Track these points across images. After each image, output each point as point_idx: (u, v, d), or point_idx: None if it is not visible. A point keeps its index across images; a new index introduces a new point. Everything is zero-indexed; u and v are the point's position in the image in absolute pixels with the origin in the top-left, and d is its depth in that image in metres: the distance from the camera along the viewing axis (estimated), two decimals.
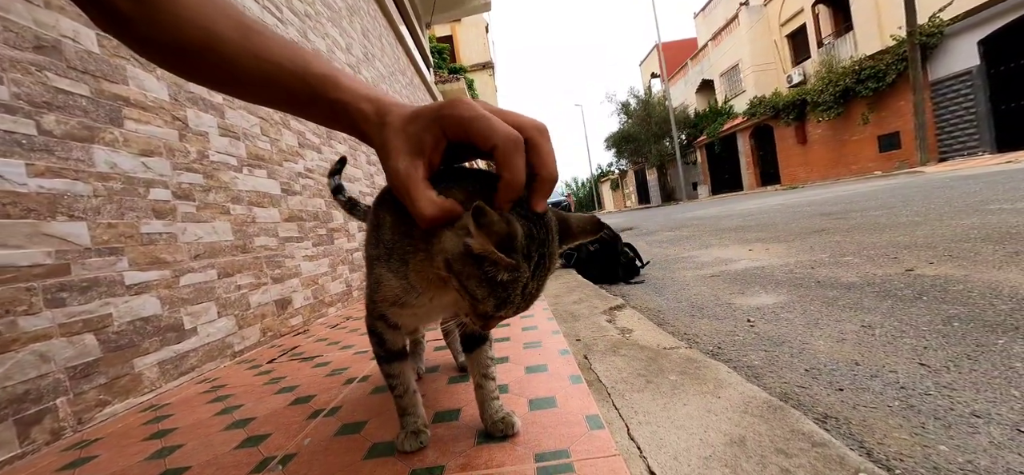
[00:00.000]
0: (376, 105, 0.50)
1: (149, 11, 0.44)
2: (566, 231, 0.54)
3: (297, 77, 0.50)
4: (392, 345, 0.71)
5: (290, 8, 2.60)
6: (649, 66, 33.99)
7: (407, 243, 0.58)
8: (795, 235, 3.87)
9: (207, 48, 0.47)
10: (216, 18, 0.47)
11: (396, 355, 0.72)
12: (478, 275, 0.47)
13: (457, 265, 0.48)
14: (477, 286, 0.48)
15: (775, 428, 0.67)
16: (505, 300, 0.49)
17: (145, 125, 1.41)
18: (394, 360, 0.72)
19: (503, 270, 0.46)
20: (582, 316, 1.66)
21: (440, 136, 0.46)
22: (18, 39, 1.07)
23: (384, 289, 0.62)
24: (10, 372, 0.95)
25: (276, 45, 0.50)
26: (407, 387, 0.74)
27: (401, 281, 0.59)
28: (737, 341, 1.58)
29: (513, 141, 0.44)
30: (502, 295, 0.48)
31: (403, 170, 0.45)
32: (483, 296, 0.48)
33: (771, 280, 2.38)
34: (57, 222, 1.09)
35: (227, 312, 1.64)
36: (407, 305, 0.62)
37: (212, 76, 0.50)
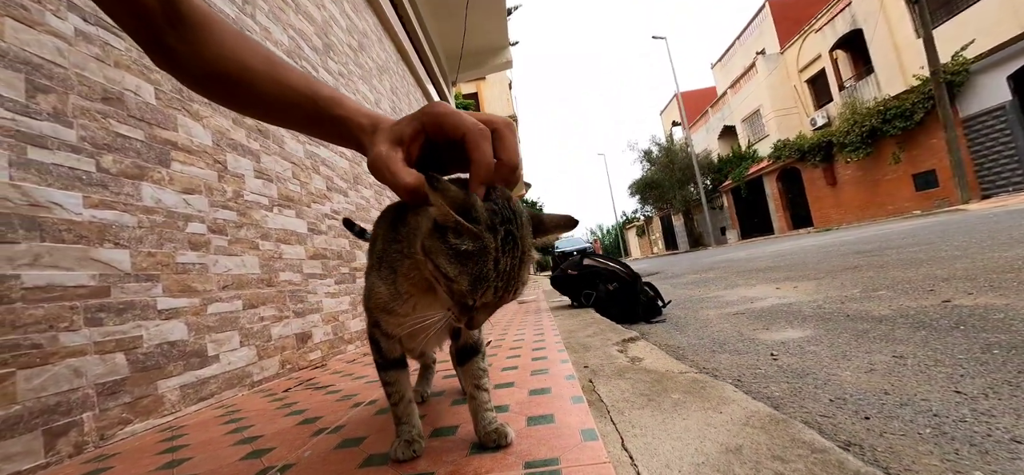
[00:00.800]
0: (371, 119, 0.59)
1: (197, 48, 0.55)
2: (539, 224, 0.57)
3: (309, 99, 0.60)
4: (388, 352, 0.75)
5: (325, 68, 2.85)
6: (669, 114, 34.45)
7: (394, 249, 0.64)
8: (825, 273, 3.72)
9: (241, 78, 0.57)
10: (247, 53, 0.58)
11: (393, 363, 0.75)
12: (445, 250, 0.49)
13: (428, 243, 0.51)
14: (447, 263, 0.50)
15: (774, 438, 0.64)
16: (478, 277, 0.49)
17: (189, 166, 1.55)
18: (390, 368, 0.75)
19: (466, 238, 0.48)
20: (594, 347, 1.63)
21: (419, 129, 0.52)
22: (90, 91, 1.23)
23: (375, 296, 0.67)
24: (46, 383, 1.02)
25: (294, 74, 0.60)
26: (402, 395, 0.75)
27: (389, 287, 0.64)
28: (759, 374, 1.51)
29: (479, 130, 0.49)
30: (473, 270, 0.49)
31: (384, 153, 0.51)
32: (455, 273, 0.50)
33: (798, 316, 2.28)
34: (104, 248, 1.20)
35: (249, 342, 1.71)
36: (394, 312, 0.66)
37: (244, 101, 0.60)
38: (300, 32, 2.56)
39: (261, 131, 2.01)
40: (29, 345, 1.01)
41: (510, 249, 0.51)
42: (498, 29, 8.69)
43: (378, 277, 0.66)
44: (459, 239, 0.49)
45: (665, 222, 34.75)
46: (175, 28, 0.53)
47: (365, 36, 3.91)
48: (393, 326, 0.69)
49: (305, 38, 2.61)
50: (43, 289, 1.05)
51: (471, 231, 0.48)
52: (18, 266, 1.01)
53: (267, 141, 2.05)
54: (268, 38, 2.20)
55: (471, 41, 8.51)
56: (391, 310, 0.66)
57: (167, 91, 1.50)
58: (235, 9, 1.95)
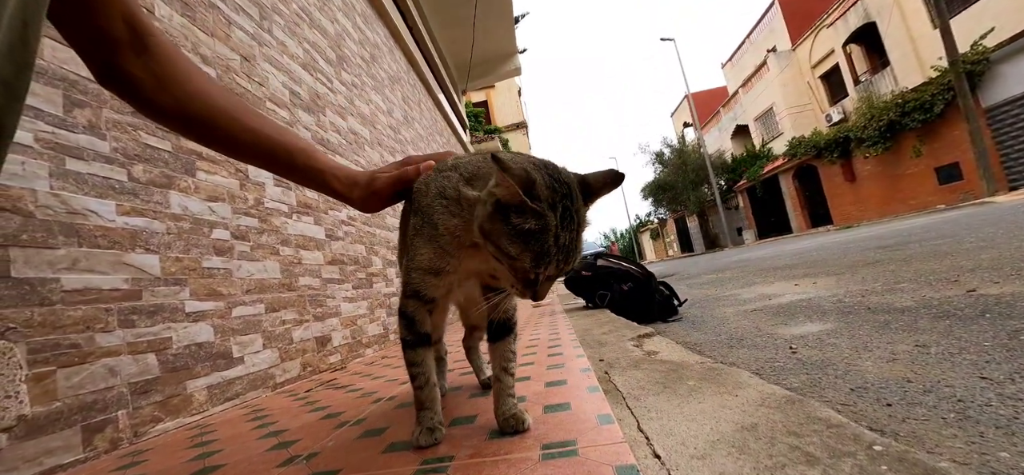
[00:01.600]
0: (347, 178, 0.74)
1: (163, 82, 0.59)
2: (587, 187, 0.58)
3: (283, 149, 0.70)
4: (421, 326, 0.74)
5: (339, 79, 2.93)
6: (681, 116, 34.19)
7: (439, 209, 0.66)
8: (846, 268, 3.64)
9: (208, 119, 0.63)
10: (215, 97, 0.64)
11: (423, 339, 0.74)
12: (507, 231, 0.51)
13: (488, 227, 0.53)
14: (509, 243, 0.52)
15: (790, 416, 0.64)
16: (540, 253, 0.51)
17: (213, 175, 1.61)
18: (419, 345, 0.74)
19: (529, 217, 0.50)
20: (609, 343, 1.64)
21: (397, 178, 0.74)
22: (121, 105, 1.29)
23: (420, 258, 0.69)
24: (83, 382, 1.07)
25: (265, 123, 0.69)
26: (428, 378, 0.75)
27: (433, 245, 0.67)
28: (777, 366, 1.50)
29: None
30: (535, 247, 0.51)
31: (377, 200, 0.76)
32: (518, 252, 0.52)
33: (818, 310, 2.25)
34: (135, 254, 1.25)
35: (272, 345, 1.76)
36: (441, 272, 0.68)
37: (212, 140, 0.67)
38: (314, 45, 2.64)
39: None
40: (68, 345, 1.06)
41: (568, 223, 0.53)
42: (506, 37, 8.78)
43: (422, 238, 0.68)
44: (522, 218, 0.51)
45: (680, 224, 34.36)
46: (140, 56, 0.57)
47: (377, 48, 4.00)
48: (439, 288, 0.70)
49: (319, 51, 2.69)
50: (81, 292, 1.10)
51: (535, 210, 0.50)
52: (58, 270, 1.06)
53: None
54: (285, 52, 2.27)
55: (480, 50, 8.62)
56: (438, 270, 0.68)
57: None
58: (253, 25, 2.03)
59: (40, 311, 1.01)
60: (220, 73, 1.75)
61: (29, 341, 0.98)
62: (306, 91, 2.42)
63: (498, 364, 0.79)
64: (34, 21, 0.40)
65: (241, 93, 1.86)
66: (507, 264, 0.54)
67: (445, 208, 0.65)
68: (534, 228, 0.51)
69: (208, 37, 1.70)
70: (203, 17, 1.69)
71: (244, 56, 1.92)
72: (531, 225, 0.51)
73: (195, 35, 1.63)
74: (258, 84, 1.99)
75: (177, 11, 1.56)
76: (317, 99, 2.53)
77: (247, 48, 1.95)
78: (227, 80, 1.78)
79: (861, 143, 15.92)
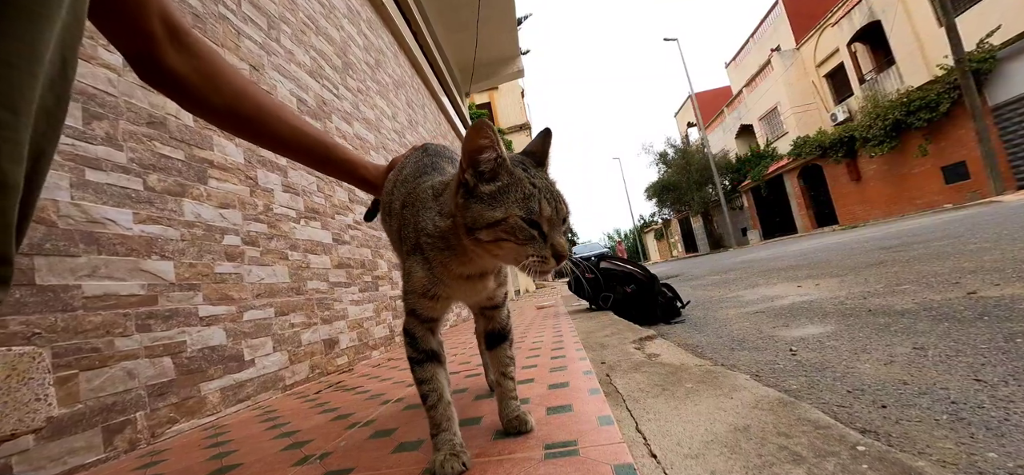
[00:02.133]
0: (374, 169, 0.89)
1: (211, 82, 0.66)
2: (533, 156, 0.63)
3: (319, 143, 0.80)
4: (424, 343, 0.72)
5: (345, 85, 2.98)
6: (684, 116, 34.11)
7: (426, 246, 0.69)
8: (849, 270, 3.65)
9: (256, 117, 0.72)
10: (259, 96, 0.73)
11: (428, 356, 0.72)
12: (485, 203, 0.54)
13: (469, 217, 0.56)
14: (493, 209, 0.54)
15: (780, 417, 0.67)
16: (525, 196, 0.54)
17: (224, 183, 1.66)
18: (427, 362, 0.71)
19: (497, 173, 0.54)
20: (611, 346, 1.67)
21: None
22: (136, 117, 1.34)
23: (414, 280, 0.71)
24: (104, 384, 1.12)
25: (302, 120, 0.80)
26: (441, 395, 0.70)
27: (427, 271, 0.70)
28: (777, 369, 1.52)
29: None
30: (517, 194, 0.54)
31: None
32: (505, 210, 0.54)
33: (819, 312, 2.27)
34: (151, 260, 1.30)
35: (281, 347, 1.80)
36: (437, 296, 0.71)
37: (259, 136, 0.76)
38: (321, 53, 2.69)
39: None
40: (89, 349, 1.10)
41: (535, 172, 0.57)
42: (509, 40, 8.82)
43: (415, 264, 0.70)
44: (491, 181, 0.55)
45: (684, 224, 34.27)
46: (179, 53, 0.63)
47: (381, 53, 4.05)
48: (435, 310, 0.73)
49: (326, 58, 2.74)
50: (100, 298, 1.15)
51: (497, 158, 0.54)
52: (79, 277, 1.11)
53: None
54: (292, 60, 2.32)
55: (483, 53, 8.66)
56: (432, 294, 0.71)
57: None
58: (262, 34, 2.07)
59: (63, 317, 1.06)
60: None
61: (53, 346, 1.02)
62: (313, 98, 2.47)
63: (497, 369, 0.82)
64: (72, 55, 0.45)
65: None
66: (505, 236, 0.55)
67: (431, 245, 0.67)
68: (507, 181, 0.54)
69: (219, 48, 1.75)
70: (214, 28, 1.73)
71: (253, 65, 1.96)
72: (503, 180, 0.54)
73: None
74: (267, 92, 2.03)
75: (189, 23, 1.60)
76: (324, 105, 2.58)
77: (256, 57, 1.99)
78: None
79: (866, 142, 15.82)
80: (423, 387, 0.71)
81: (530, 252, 0.55)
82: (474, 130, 0.56)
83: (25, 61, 0.39)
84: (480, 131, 0.55)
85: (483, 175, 0.56)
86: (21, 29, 0.38)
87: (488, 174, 0.56)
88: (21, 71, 0.39)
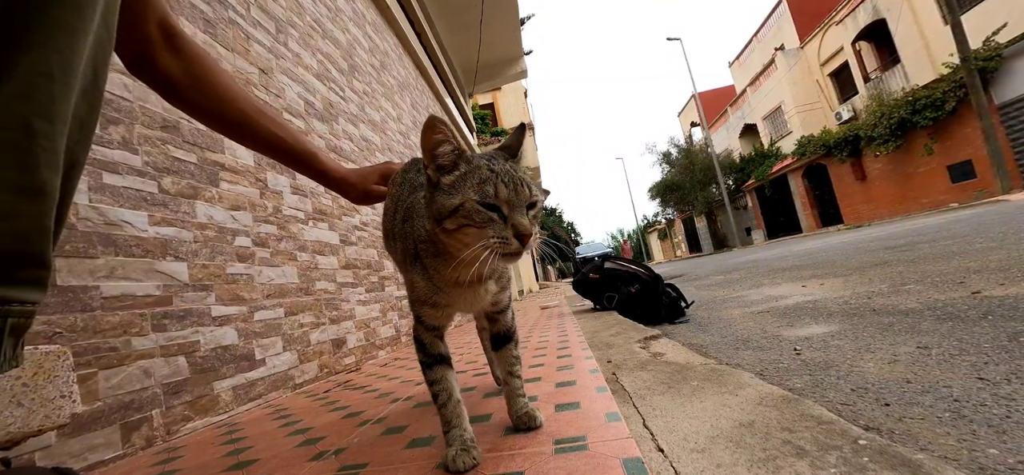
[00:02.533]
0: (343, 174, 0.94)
1: (198, 84, 0.72)
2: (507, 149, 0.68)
3: (298, 146, 0.87)
4: (432, 348, 0.75)
5: (351, 88, 3.01)
6: (688, 115, 34.05)
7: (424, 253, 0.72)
8: (854, 269, 3.65)
9: (241, 120, 0.78)
10: (245, 97, 0.79)
11: (437, 359, 0.75)
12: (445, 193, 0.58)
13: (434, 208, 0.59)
14: (451, 197, 0.57)
15: (785, 414, 0.69)
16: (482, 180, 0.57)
17: (235, 185, 1.69)
18: (436, 365, 0.74)
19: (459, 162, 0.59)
20: (617, 345, 1.69)
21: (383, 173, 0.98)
22: (151, 121, 1.37)
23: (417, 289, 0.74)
24: (122, 382, 1.14)
25: (283, 123, 0.87)
26: (450, 394, 0.73)
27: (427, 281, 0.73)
28: (781, 368, 1.53)
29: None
30: (474, 179, 0.58)
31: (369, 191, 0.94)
32: (462, 197, 0.57)
33: (823, 312, 2.28)
34: (166, 261, 1.33)
35: (291, 347, 1.83)
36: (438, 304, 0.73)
37: (242, 136, 0.83)
38: (327, 56, 2.72)
39: None
40: (108, 348, 1.13)
41: (498, 161, 0.61)
42: (512, 40, 8.84)
43: (417, 275, 0.73)
44: (451, 174, 0.59)
45: (687, 224, 34.21)
46: (174, 56, 0.68)
47: (387, 55, 4.09)
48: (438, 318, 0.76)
49: (332, 61, 2.77)
50: (118, 298, 1.18)
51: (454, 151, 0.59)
52: (98, 278, 1.14)
53: None
54: (300, 63, 2.35)
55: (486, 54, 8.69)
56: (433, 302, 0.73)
57: None
58: (270, 38, 2.10)
59: (82, 317, 1.09)
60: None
61: (74, 345, 1.05)
62: (320, 100, 2.50)
63: (504, 369, 0.84)
64: (103, 66, 0.47)
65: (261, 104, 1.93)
66: (465, 221, 0.57)
67: (425, 250, 0.71)
68: (465, 170, 0.58)
69: (229, 52, 1.78)
70: (224, 33, 1.77)
71: (262, 69, 1.99)
72: (461, 169, 0.58)
73: (217, 50, 1.71)
74: (275, 95, 2.06)
75: (200, 28, 1.64)
76: (330, 108, 2.61)
77: (265, 61, 2.03)
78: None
79: (871, 141, 15.76)
80: (434, 387, 0.74)
81: (491, 234, 0.57)
82: (427, 127, 0.58)
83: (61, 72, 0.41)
84: (433, 128, 0.58)
85: (444, 169, 0.60)
86: (59, 41, 0.40)
87: (448, 166, 0.59)
88: (58, 82, 0.41)
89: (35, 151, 0.39)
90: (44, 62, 0.39)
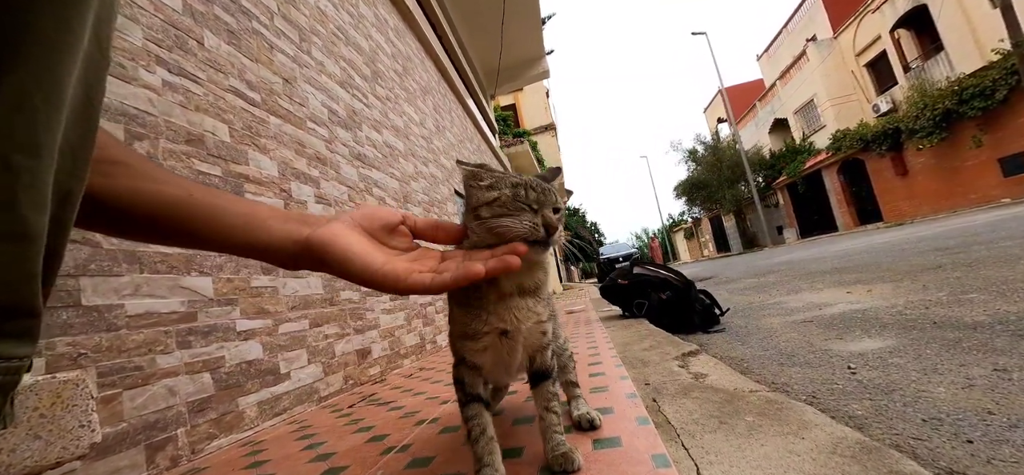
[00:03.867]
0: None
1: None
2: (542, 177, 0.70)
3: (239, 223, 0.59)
4: (471, 388, 0.75)
5: (374, 94, 2.99)
6: (714, 111, 33.13)
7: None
8: (904, 274, 3.41)
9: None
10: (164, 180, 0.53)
11: (474, 398, 0.75)
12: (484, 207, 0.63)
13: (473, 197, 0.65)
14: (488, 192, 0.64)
15: (869, 469, 0.59)
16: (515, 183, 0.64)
17: (259, 196, 1.67)
18: (473, 402, 0.75)
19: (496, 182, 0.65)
20: (652, 362, 1.59)
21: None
22: (175, 135, 1.36)
23: (455, 325, 0.74)
24: (147, 402, 1.13)
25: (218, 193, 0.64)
26: (483, 430, 0.73)
27: (463, 307, 0.71)
28: (835, 389, 1.41)
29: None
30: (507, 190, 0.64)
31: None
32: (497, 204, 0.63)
33: (875, 323, 2.11)
34: (191, 277, 1.31)
35: (316, 359, 1.80)
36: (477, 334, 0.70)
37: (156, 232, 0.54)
38: (350, 63, 2.71)
39: (320, 159, 2.14)
40: (132, 367, 1.12)
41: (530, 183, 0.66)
42: (534, 40, 8.76)
43: (454, 306, 0.73)
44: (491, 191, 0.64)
45: (715, 223, 33.28)
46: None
47: (408, 60, 4.07)
48: (478, 354, 0.73)
49: (355, 68, 2.76)
50: (143, 316, 1.16)
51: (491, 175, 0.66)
52: (123, 296, 1.12)
53: (325, 168, 2.17)
54: (323, 71, 2.34)
55: (508, 55, 8.64)
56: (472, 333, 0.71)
57: (239, 128, 1.63)
58: (294, 47, 2.10)
59: (107, 337, 1.07)
60: (264, 96, 1.81)
61: (98, 365, 1.04)
62: (343, 108, 2.49)
63: (540, 404, 0.78)
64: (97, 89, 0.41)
65: (284, 114, 1.92)
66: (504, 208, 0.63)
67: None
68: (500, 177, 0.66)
69: (252, 63, 1.77)
70: (248, 44, 1.76)
71: (286, 78, 1.98)
72: (498, 191, 0.64)
73: (241, 61, 1.70)
74: (299, 104, 2.05)
75: (224, 40, 1.63)
76: (354, 115, 2.60)
77: (289, 70, 2.01)
78: (271, 103, 1.84)
79: (913, 134, 14.90)
80: (469, 423, 0.74)
81: (525, 220, 0.63)
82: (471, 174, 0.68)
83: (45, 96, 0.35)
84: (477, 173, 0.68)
85: (481, 179, 0.67)
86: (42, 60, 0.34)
87: (487, 184, 0.66)
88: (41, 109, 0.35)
89: (15, 190, 0.34)
90: (24, 87, 0.34)
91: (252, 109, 1.72)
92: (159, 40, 1.36)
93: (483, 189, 0.65)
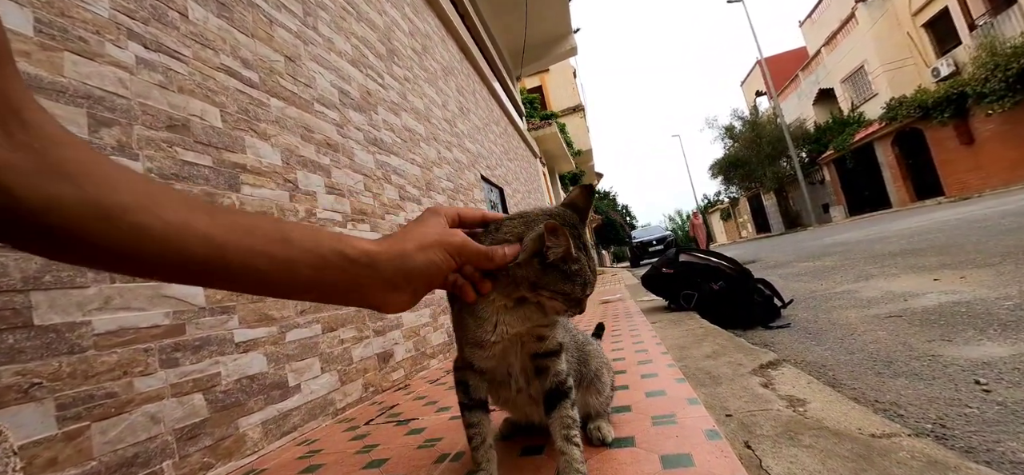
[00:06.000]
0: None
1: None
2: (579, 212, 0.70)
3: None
4: (475, 392, 0.73)
5: (391, 74, 2.77)
6: (752, 84, 31.36)
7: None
8: (998, 256, 2.92)
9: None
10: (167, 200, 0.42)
11: (478, 404, 0.73)
12: (561, 277, 0.61)
13: (540, 280, 0.62)
14: (563, 282, 0.62)
15: None
16: (585, 282, 0.63)
17: (259, 188, 1.48)
18: (475, 408, 0.73)
19: (573, 261, 0.61)
20: (724, 378, 1.30)
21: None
22: (154, 120, 1.17)
23: (465, 330, 0.68)
24: (123, 434, 0.96)
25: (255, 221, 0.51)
26: (483, 438, 0.73)
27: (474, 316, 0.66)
28: (969, 414, 1.09)
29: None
30: (580, 278, 0.62)
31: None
32: (570, 287, 0.62)
33: (990, 321, 1.73)
34: (176, 284, 1.13)
35: (330, 368, 1.62)
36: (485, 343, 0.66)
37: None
38: (363, 40, 2.49)
39: (331, 145, 1.94)
40: (103, 395, 0.94)
41: (588, 251, 0.66)
42: (560, 16, 8.34)
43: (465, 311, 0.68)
44: (570, 264, 0.61)
45: (754, 202, 31.73)
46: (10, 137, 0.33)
47: (428, 38, 3.83)
48: (486, 360, 0.71)
49: (368, 45, 2.54)
50: (115, 333, 0.99)
51: (578, 258, 0.62)
52: (89, 311, 0.95)
53: (337, 155, 1.97)
54: (332, 49, 2.13)
55: (533, 33, 8.25)
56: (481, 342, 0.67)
57: (233, 112, 1.44)
58: (297, 22, 1.89)
59: (69, 360, 0.90)
60: (263, 76, 1.61)
61: (57, 396, 0.87)
62: (357, 89, 2.27)
63: (559, 434, 0.69)
64: None
65: (287, 96, 1.72)
66: (561, 301, 0.64)
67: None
68: (576, 268, 0.62)
69: (248, 38, 1.57)
70: (242, 17, 1.55)
71: (288, 56, 1.78)
72: (576, 267, 0.62)
73: (234, 37, 1.50)
74: (305, 85, 1.85)
75: (213, 12, 1.43)
76: (368, 96, 2.38)
77: (292, 47, 1.81)
78: (271, 83, 1.64)
79: (982, 98, 13.47)
80: (470, 429, 0.73)
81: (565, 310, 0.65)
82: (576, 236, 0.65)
83: None
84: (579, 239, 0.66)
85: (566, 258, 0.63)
86: None
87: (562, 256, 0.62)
88: None
89: None
90: None
91: (249, 90, 1.52)
92: (131, 10, 1.17)
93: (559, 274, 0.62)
